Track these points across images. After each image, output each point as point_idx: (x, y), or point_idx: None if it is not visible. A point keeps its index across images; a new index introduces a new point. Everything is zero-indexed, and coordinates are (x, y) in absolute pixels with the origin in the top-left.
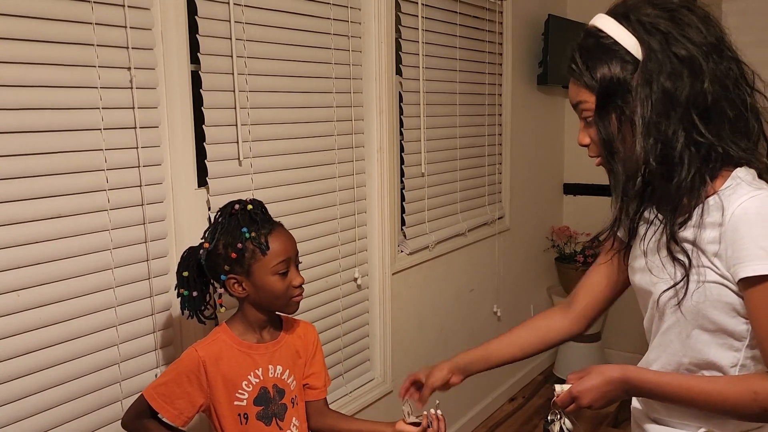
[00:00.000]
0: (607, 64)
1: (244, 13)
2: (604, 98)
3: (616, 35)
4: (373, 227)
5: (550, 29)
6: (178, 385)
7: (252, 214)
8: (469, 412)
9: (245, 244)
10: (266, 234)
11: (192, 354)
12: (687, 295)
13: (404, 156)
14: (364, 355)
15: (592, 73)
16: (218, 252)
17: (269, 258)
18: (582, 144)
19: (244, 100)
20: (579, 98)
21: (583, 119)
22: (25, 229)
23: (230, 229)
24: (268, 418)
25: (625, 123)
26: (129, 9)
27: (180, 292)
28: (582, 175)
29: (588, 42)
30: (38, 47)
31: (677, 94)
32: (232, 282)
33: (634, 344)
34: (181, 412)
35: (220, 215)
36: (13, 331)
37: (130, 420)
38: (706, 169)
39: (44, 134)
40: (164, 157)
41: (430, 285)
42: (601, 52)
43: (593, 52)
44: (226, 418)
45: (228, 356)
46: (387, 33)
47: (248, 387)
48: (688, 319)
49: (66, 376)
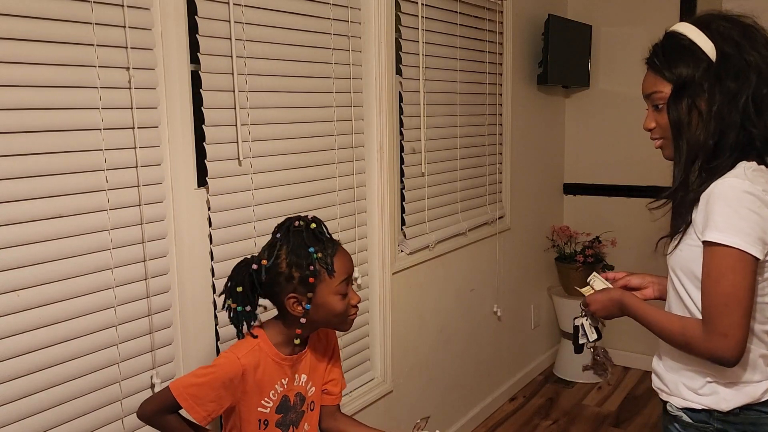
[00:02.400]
0: (685, 61)
1: (244, 13)
2: (680, 90)
3: (696, 39)
4: (373, 227)
5: (550, 29)
6: (213, 390)
7: (316, 233)
8: (469, 412)
9: (314, 265)
10: (332, 255)
11: (234, 362)
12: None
13: (404, 156)
14: (364, 355)
15: (673, 67)
16: (280, 270)
17: (335, 279)
18: (648, 128)
19: (244, 100)
20: (656, 88)
21: (654, 106)
22: (25, 229)
23: (295, 248)
24: (285, 425)
25: (693, 111)
26: (129, 9)
27: (232, 307)
28: (582, 175)
29: (670, 42)
30: (38, 47)
31: (741, 92)
32: (292, 302)
33: (634, 344)
34: (209, 414)
35: (281, 232)
36: (13, 331)
37: (151, 413)
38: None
39: (44, 134)
40: (164, 157)
41: (430, 285)
42: (682, 52)
43: (675, 50)
44: (249, 422)
45: (264, 366)
46: (387, 33)
47: (274, 396)
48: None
49: (66, 376)
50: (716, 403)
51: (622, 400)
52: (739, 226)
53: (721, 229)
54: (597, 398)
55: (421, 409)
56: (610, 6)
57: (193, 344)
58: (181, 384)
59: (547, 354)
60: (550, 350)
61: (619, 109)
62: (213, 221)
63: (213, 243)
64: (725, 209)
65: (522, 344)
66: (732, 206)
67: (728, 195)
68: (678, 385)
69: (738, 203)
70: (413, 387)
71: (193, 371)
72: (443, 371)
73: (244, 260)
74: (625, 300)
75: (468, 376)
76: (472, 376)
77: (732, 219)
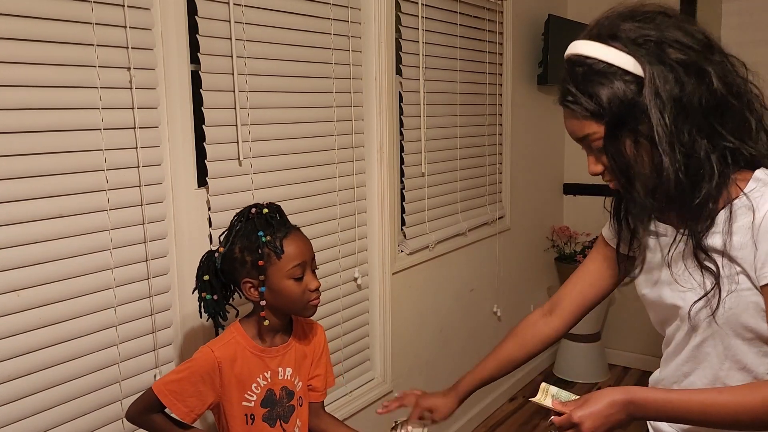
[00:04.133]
0: (609, 87)
1: (244, 13)
2: (616, 122)
3: (607, 57)
4: (373, 227)
5: (550, 29)
6: (192, 384)
7: (268, 218)
8: (469, 412)
9: (262, 248)
10: (282, 238)
11: (208, 354)
12: (720, 304)
13: (404, 156)
14: (364, 355)
15: (597, 100)
16: (234, 256)
17: (284, 262)
18: (594, 173)
19: (244, 100)
20: (585, 131)
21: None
22: (25, 229)
23: (246, 233)
24: (273, 419)
25: (641, 143)
26: (129, 9)
27: (202, 296)
28: (582, 175)
29: (578, 72)
30: (38, 47)
31: (689, 99)
32: (248, 286)
33: (634, 344)
34: (192, 410)
35: (237, 219)
36: (13, 331)
37: (137, 414)
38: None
39: (44, 134)
40: (164, 157)
41: (430, 285)
42: (599, 78)
43: (589, 80)
44: (234, 417)
45: (242, 358)
46: (387, 33)
47: (257, 389)
48: (724, 329)
49: (66, 376)
50: None
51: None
52: None
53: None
54: None
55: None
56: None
57: (193, 344)
58: (162, 382)
59: (547, 354)
60: (550, 350)
61: None
62: (213, 221)
63: (213, 243)
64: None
65: None
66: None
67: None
68: None
69: None
70: (413, 387)
71: (172, 369)
72: (443, 371)
73: (209, 251)
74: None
75: None
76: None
77: None
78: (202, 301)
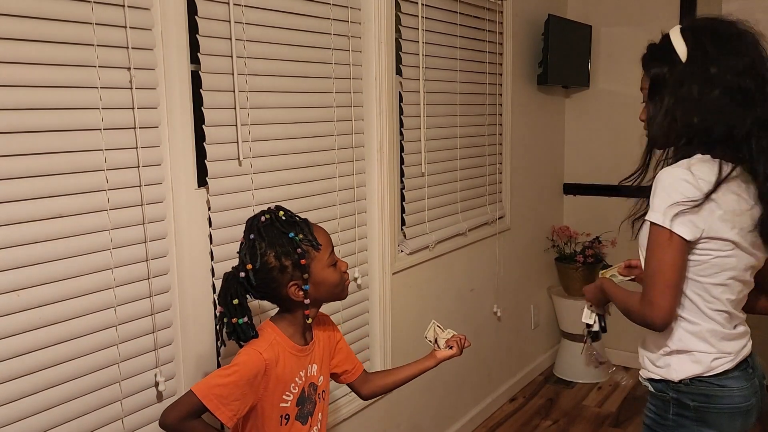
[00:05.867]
0: (660, 61)
1: (244, 13)
2: (653, 86)
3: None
4: (373, 227)
5: (550, 29)
6: (239, 388)
7: (287, 218)
8: (469, 412)
9: (300, 247)
10: (311, 231)
11: (258, 357)
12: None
13: (404, 156)
14: (364, 354)
15: (651, 66)
16: (271, 266)
17: (322, 253)
18: (641, 119)
19: (244, 100)
20: (642, 84)
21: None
22: (25, 229)
23: (275, 240)
24: (304, 417)
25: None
26: (129, 9)
27: (232, 322)
28: (582, 175)
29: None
30: (38, 47)
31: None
32: (294, 289)
33: (634, 344)
34: (235, 414)
35: (249, 232)
36: (13, 331)
37: (177, 420)
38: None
39: (44, 134)
40: (164, 157)
41: (430, 285)
42: (661, 52)
43: (657, 50)
44: (271, 419)
45: (283, 359)
46: (387, 33)
47: (294, 389)
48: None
49: (66, 376)
50: (669, 374)
51: (622, 401)
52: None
53: (655, 210)
54: (597, 398)
55: (422, 409)
56: (610, 6)
57: (193, 344)
58: (206, 385)
59: (547, 354)
60: (550, 350)
61: (619, 110)
62: (213, 221)
63: (213, 243)
64: (662, 193)
65: (522, 344)
66: (667, 191)
67: (666, 181)
68: (643, 358)
69: (673, 188)
70: (413, 387)
71: (214, 372)
72: (443, 371)
73: (228, 273)
74: (603, 285)
75: (468, 377)
76: (472, 377)
77: (665, 202)
78: (230, 327)
